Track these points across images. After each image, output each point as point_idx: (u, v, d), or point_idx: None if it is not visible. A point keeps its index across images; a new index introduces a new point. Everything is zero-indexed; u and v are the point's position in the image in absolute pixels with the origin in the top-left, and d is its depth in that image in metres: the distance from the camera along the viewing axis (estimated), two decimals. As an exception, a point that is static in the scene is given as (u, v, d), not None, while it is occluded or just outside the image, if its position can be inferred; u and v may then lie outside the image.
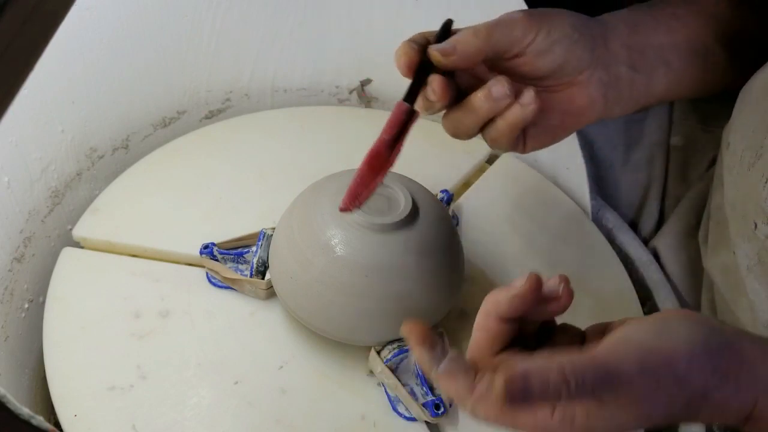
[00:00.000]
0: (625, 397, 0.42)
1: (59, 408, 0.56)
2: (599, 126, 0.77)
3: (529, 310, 0.45)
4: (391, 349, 0.57)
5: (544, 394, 0.41)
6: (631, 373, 0.42)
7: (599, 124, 0.76)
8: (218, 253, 0.63)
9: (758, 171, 0.60)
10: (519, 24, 0.54)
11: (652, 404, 0.42)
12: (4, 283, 0.66)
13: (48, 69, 0.69)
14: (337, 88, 0.88)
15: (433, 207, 0.59)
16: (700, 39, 0.65)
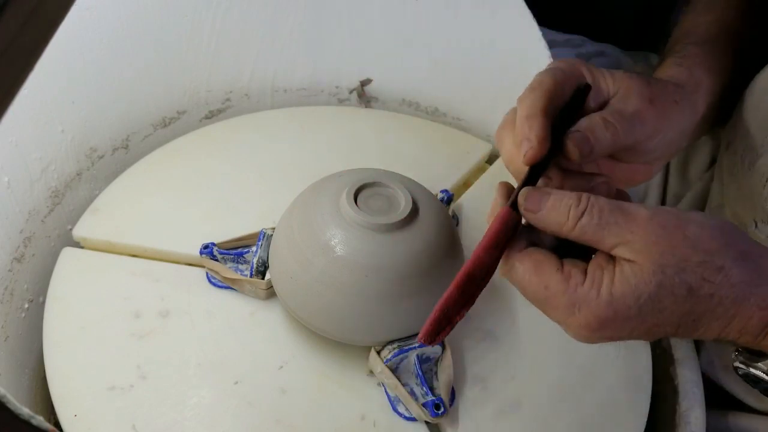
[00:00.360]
0: (630, 237, 0.44)
1: (59, 408, 0.56)
2: None
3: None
4: (391, 349, 0.57)
5: (557, 204, 0.45)
6: (641, 216, 0.44)
7: None
8: (218, 253, 0.63)
9: (758, 171, 0.60)
10: (649, 127, 0.53)
11: (660, 252, 0.43)
12: (4, 283, 0.66)
13: (48, 69, 0.69)
14: (337, 88, 0.88)
15: (433, 207, 0.59)
16: (734, 86, 0.66)
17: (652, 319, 0.45)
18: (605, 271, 0.44)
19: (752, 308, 0.44)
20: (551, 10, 0.80)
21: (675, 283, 0.44)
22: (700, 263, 0.44)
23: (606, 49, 0.92)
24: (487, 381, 0.60)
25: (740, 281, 0.44)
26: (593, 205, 0.44)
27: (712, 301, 0.44)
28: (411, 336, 0.58)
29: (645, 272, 0.44)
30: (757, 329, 0.45)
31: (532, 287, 0.46)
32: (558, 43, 0.89)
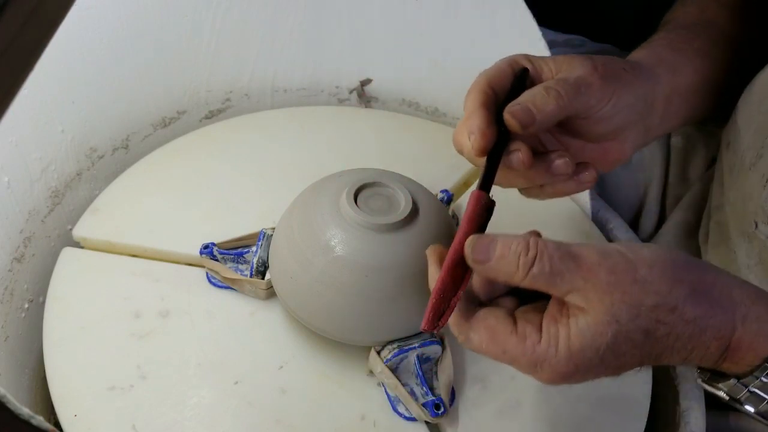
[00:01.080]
0: (582, 284, 0.44)
1: (59, 408, 0.56)
2: None
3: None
4: (391, 349, 0.57)
5: (506, 252, 0.45)
6: (590, 261, 0.44)
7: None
8: (218, 253, 0.63)
9: (759, 171, 0.60)
10: (596, 90, 0.54)
11: (611, 301, 0.43)
12: (4, 283, 0.66)
13: (48, 69, 0.69)
14: (337, 88, 0.88)
15: (433, 207, 0.58)
16: (718, 73, 0.66)
17: (614, 363, 0.45)
18: (560, 325, 0.45)
19: (709, 339, 0.45)
20: (551, 10, 0.80)
21: (630, 329, 0.44)
22: (653, 307, 0.44)
23: (606, 49, 0.92)
24: (487, 381, 0.60)
25: (694, 317, 0.44)
26: (542, 252, 0.44)
27: (669, 339, 0.45)
28: (411, 336, 0.58)
29: (599, 323, 0.44)
30: (716, 356, 0.46)
31: (491, 354, 0.46)
32: (558, 43, 0.89)
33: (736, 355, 0.46)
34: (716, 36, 0.66)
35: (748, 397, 0.46)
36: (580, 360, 0.44)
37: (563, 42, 0.91)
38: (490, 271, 0.46)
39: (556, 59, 0.56)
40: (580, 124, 0.55)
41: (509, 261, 0.45)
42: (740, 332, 0.45)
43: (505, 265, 0.45)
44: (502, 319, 0.46)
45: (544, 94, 0.51)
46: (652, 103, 0.59)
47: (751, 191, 0.61)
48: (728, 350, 0.45)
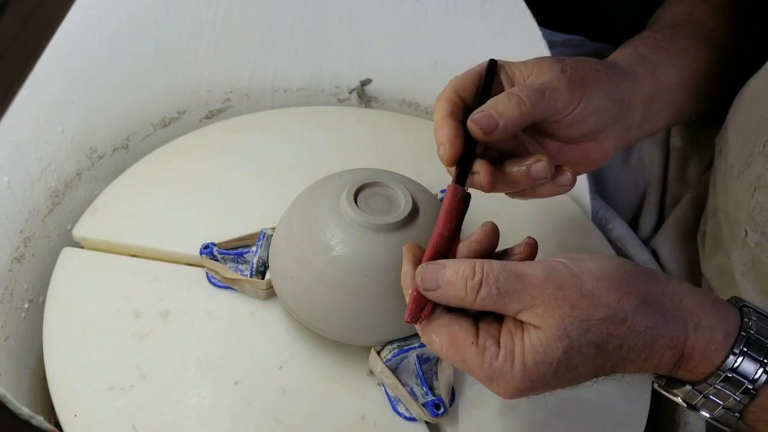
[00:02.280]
0: (531, 301, 0.44)
1: (59, 408, 0.56)
2: None
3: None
4: (391, 349, 0.57)
5: (453, 279, 0.45)
6: (536, 278, 0.45)
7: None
8: (218, 253, 0.63)
9: (747, 179, 0.60)
10: (562, 94, 0.54)
11: (561, 316, 0.44)
12: (4, 283, 0.66)
13: (48, 69, 0.69)
14: (337, 88, 0.88)
15: (433, 207, 0.59)
16: (705, 73, 0.66)
17: (568, 377, 0.46)
18: (515, 338, 0.45)
19: (662, 349, 0.46)
20: (550, 10, 0.80)
21: (582, 343, 0.44)
22: (603, 320, 0.44)
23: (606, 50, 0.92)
24: (487, 381, 0.60)
25: (645, 327, 0.45)
26: (488, 275, 0.45)
27: (621, 350, 0.45)
28: (411, 336, 0.58)
29: (551, 339, 0.44)
30: (670, 366, 0.46)
31: (450, 359, 0.47)
32: (557, 43, 0.89)
33: (690, 363, 0.46)
34: (704, 36, 0.66)
35: (703, 403, 0.47)
36: (534, 375, 0.45)
37: (563, 42, 0.91)
38: (441, 298, 0.46)
39: (527, 63, 0.56)
40: (553, 128, 0.55)
41: (457, 287, 0.45)
42: (692, 341, 0.45)
43: (454, 290, 0.45)
44: (465, 327, 0.46)
45: (506, 101, 0.51)
46: (630, 103, 0.59)
47: (741, 199, 0.61)
48: (682, 359, 0.46)
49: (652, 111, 0.62)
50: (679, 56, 0.64)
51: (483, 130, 0.51)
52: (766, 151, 0.58)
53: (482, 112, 0.51)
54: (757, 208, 0.58)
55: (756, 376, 0.45)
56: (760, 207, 0.58)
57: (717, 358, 0.45)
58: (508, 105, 0.51)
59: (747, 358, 0.45)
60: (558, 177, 0.54)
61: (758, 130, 0.59)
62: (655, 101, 0.62)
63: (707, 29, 0.67)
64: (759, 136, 0.59)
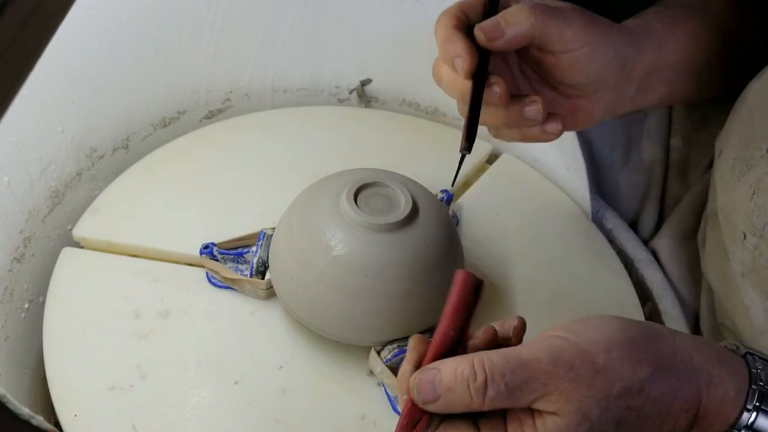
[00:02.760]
0: (543, 389, 0.41)
1: (59, 408, 0.56)
2: (598, 126, 0.77)
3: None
4: (391, 349, 0.57)
5: (453, 384, 0.41)
6: (544, 362, 0.41)
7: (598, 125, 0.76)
8: (218, 253, 0.63)
9: (747, 183, 0.60)
10: (575, 25, 0.53)
11: (579, 399, 0.41)
12: (4, 283, 0.66)
13: (48, 69, 0.69)
14: (337, 88, 0.88)
15: (433, 207, 0.59)
16: (705, 56, 0.65)
17: None
18: (525, 427, 0.42)
19: (677, 413, 0.44)
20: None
21: (603, 422, 0.42)
22: (621, 394, 0.42)
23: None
24: (487, 381, 0.60)
25: (661, 394, 0.43)
26: (492, 372, 0.41)
27: (639, 421, 0.43)
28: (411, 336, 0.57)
29: (570, 424, 0.41)
30: (684, 426, 0.44)
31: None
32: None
33: (704, 423, 0.44)
34: (711, 20, 0.66)
35: None
36: None
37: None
38: (443, 408, 0.42)
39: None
40: (554, 64, 0.54)
41: (460, 392, 0.41)
42: (705, 399, 0.44)
43: (458, 397, 0.41)
44: (463, 428, 0.43)
45: (517, 11, 0.51)
46: (631, 71, 0.59)
47: (739, 202, 0.60)
48: (696, 419, 0.44)
49: (648, 85, 0.62)
50: (685, 37, 0.63)
51: (487, 36, 0.50)
52: (767, 156, 0.58)
53: (490, 19, 0.50)
54: (756, 212, 0.58)
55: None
56: (759, 210, 0.58)
57: (731, 415, 0.44)
58: (518, 14, 0.51)
59: (762, 414, 0.44)
60: (547, 124, 0.54)
61: (761, 133, 0.59)
62: (653, 76, 0.62)
63: (715, 13, 0.67)
64: (761, 139, 0.59)
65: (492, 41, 0.50)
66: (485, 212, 0.73)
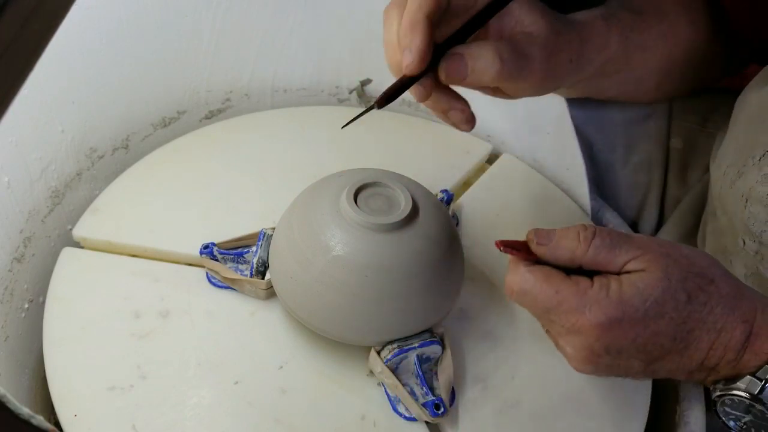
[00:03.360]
0: (639, 252, 0.48)
1: (59, 408, 0.56)
2: (598, 127, 0.78)
3: None
4: (391, 349, 0.57)
5: (566, 232, 0.49)
6: (642, 238, 0.50)
7: (597, 126, 0.77)
8: (218, 253, 0.63)
9: (739, 190, 0.60)
10: (534, 78, 0.55)
11: (666, 264, 0.48)
12: (4, 283, 0.66)
13: (48, 69, 0.69)
14: (337, 88, 0.88)
15: (433, 207, 0.58)
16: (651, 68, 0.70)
17: (653, 326, 0.48)
18: (611, 279, 0.48)
19: (736, 321, 0.48)
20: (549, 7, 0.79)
21: (677, 289, 0.47)
22: (698, 274, 0.48)
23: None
24: (487, 381, 0.60)
25: (727, 293, 0.49)
26: (600, 230, 0.49)
27: (704, 309, 0.48)
28: (411, 336, 0.57)
29: (653, 278, 0.47)
30: (740, 343, 0.48)
31: (544, 293, 0.49)
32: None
33: (757, 342, 0.48)
34: (665, 28, 0.69)
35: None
36: (627, 307, 0.47)
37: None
38: (553, 251, 0.49)
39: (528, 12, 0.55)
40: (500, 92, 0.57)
41: (570, 237, 0.49)
42: (760, 320, 0.48)
43: (568, 241, 0.49)
44: (555, 269, 0.49)
45: (485, 57, 0.51)
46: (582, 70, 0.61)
47: (735, 209, 0.61)
48: (750, 336, 0.48)
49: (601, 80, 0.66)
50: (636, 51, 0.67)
51: (448, 76, 0.51)
52: (759, 165, 0.58)
53: (461, 57, 0.50)
54: (751, 219, 0.58)
55: None
56: (754, 218, 0.58)
57: None
58: (485, 64, 0.51)
59: None
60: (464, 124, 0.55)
61: (753, 142, 0.59)
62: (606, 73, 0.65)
63: (669, 20, 0.69)
64: (753, 148, 0.59)
65: (450, 82, 0.52)
66: (485, 212, 0.73)
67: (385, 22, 0.53)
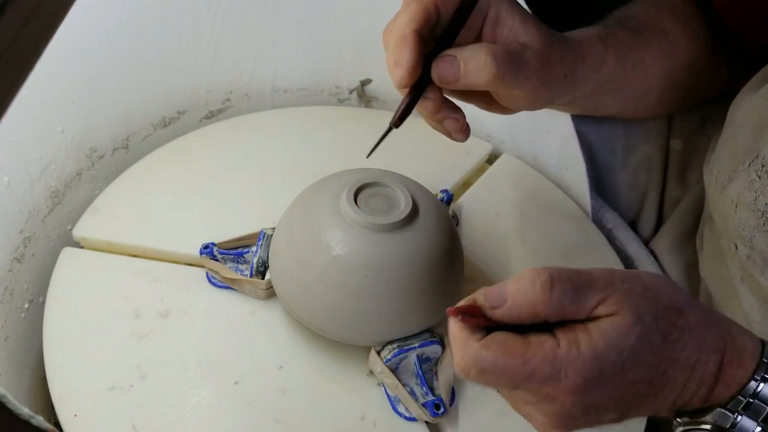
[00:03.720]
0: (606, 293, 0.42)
1: (59, 408, 0.56)
2: (597, 128, 0.78)
3: None
4: (391, 349, 0.57)
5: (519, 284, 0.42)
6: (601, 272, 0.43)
7: (597, 127, 0.77)
8: (218, 253, 0.63)
9: (728, 196, 0.60)
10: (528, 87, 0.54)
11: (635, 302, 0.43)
12: (4, 283, 0.66)
13: (48, 69, 0.69)
14: (337, 88, 0.88)
15: (433, 207, 0.58)
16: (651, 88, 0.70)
17: (631, 376, 0.43)
18: (578, 332, 0.42)
19: (708, 352, 0.44)
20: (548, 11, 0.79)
21: (652, 330, 0.43)
22: (667, 308, 0.43)
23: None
24: (487, 381, 0.60)
25: (696, 323, 0.44)
26: (556, 273, 0.42)
27: (676, 347, 0.43)
28: (411, 336, 0.58)
29: (626, 323, 0.42)
30: (712, 376, 0.44)
31: (509, 368, 0.42)
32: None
33: (728, 372, 0.44)
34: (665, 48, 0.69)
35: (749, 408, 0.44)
36: (604, 362, 0.42)
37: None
38: (511, 311, 0.42)
39: (526, 19, 0.54)
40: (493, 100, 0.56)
41: (526, 291, 0.42)
42: (730, 347, 0.45)
43: (525, 296, 0.42)
44: (511, 335, 0.43)
45: (479, 60, 0.50)
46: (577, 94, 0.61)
47: (726, 214, 0.61)
48: (722, 367, 0.44)
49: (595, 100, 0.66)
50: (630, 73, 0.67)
51: (441, 80, 0.50)
52: (748, 171, 0.58)
53: (452, 59, 0.50)
54: (741, 225, 0.59)
55: None
56: (744, 224, 0.58)
57: (750, 363, 0.44)
58: (479, 66, 0.50)
59: None
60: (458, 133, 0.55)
61: (744, 149, 0.59)
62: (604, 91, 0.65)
63: (669, 40, 0.69)
64: (744, 155, 0.59)
65: (444, 84, 0.51)
66: (485, 212, 0.73)
67: (385, 43, 0.53)
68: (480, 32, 0.53)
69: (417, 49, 0.49)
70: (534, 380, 0.42)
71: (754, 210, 0.57)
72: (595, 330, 0.42)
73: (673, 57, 0.70)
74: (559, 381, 0.42)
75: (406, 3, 0.50)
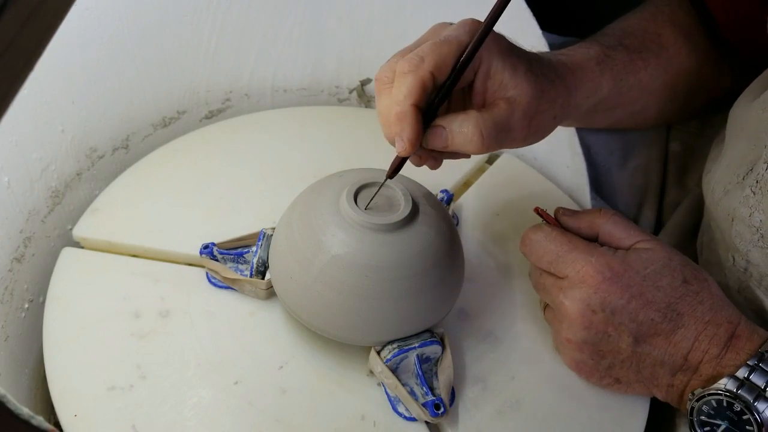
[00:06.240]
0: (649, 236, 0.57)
1: (59, 408, 0.56)
2: (595, 132, 0.78)
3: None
4: (391, 349, 0.57)
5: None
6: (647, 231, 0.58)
7: (595, 131, 0.77)
8: (218, 253, 0.63)
9: (724, 208, 0.60)
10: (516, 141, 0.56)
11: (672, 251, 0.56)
12: (4, 283, 0.66)
13: (48, 69, 0.69)
14: (337, 88, 0.88)
15: (433, 207, 0.59)
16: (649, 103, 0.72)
17: (648, 294, 0.53)
18: (620, 249, 0.55)
19: (722, 319, 0.53)
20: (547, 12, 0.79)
21: (676, 269, 0.54)
22: (696, 268, 0.55)
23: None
24: (487, 381, 0.60)
25: (717, 294, 0.54)
26: (617, 213, 0.57)
27: (696, 298, 0.53)
28: (411, 336, 0.58)
29: (656, 253, 0.54)
30: (724, 339, 0.52)
31: (557, 240, 0.56)
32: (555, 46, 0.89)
33: (739, 343, 0.52)
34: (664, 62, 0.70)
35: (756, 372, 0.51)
36: (629, 267, 0.53)
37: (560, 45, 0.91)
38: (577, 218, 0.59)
39: (516, 72, 0.54)
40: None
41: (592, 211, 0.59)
42: (743, 325, 0.53)
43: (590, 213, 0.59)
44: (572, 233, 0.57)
45: (467, 133, 0.52)
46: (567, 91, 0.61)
47: (723, 225, 0.61)
48: (733, 338, 0.52)
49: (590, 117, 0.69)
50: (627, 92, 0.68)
51: (430, 146, 0.53)
52: (743, 185, 0.58)
53: (441, 130, 0.53)
54: (738, 238, 0.59)
55: None
56: (740, 237, 0.59)
57: (757, 341, 0.52)
58: (466, 140, 0.53)
59: None
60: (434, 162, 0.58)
61: (740, 160, 0.59)
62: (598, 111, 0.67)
63: (667, 55, 0.70)
64: (739, 166, 0.59)
65: (432, 147, 0.54)
66: (485, 212, 0.73)
67: (377, 91, 0.54)
68: (472, 83, 0.55)
69: (417, 123, 0.52)
70: (571, 255, 0.55)
71: (749, 226, 0.58)
72: (633, 251, 0.55)
73: (672, 71, 0.70)
74: (589, 261, 0.53)
75: (403, 73, 0.51)
